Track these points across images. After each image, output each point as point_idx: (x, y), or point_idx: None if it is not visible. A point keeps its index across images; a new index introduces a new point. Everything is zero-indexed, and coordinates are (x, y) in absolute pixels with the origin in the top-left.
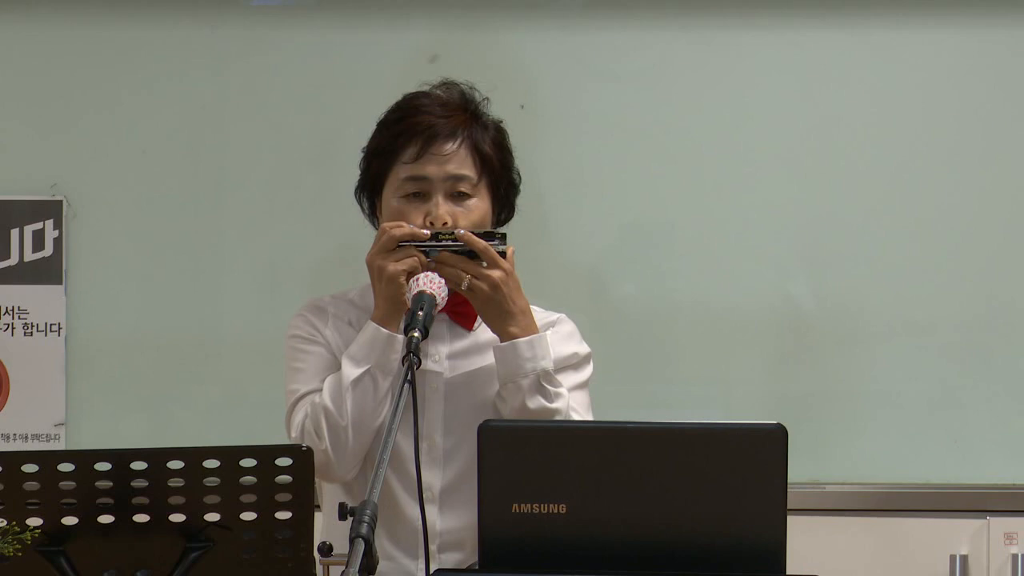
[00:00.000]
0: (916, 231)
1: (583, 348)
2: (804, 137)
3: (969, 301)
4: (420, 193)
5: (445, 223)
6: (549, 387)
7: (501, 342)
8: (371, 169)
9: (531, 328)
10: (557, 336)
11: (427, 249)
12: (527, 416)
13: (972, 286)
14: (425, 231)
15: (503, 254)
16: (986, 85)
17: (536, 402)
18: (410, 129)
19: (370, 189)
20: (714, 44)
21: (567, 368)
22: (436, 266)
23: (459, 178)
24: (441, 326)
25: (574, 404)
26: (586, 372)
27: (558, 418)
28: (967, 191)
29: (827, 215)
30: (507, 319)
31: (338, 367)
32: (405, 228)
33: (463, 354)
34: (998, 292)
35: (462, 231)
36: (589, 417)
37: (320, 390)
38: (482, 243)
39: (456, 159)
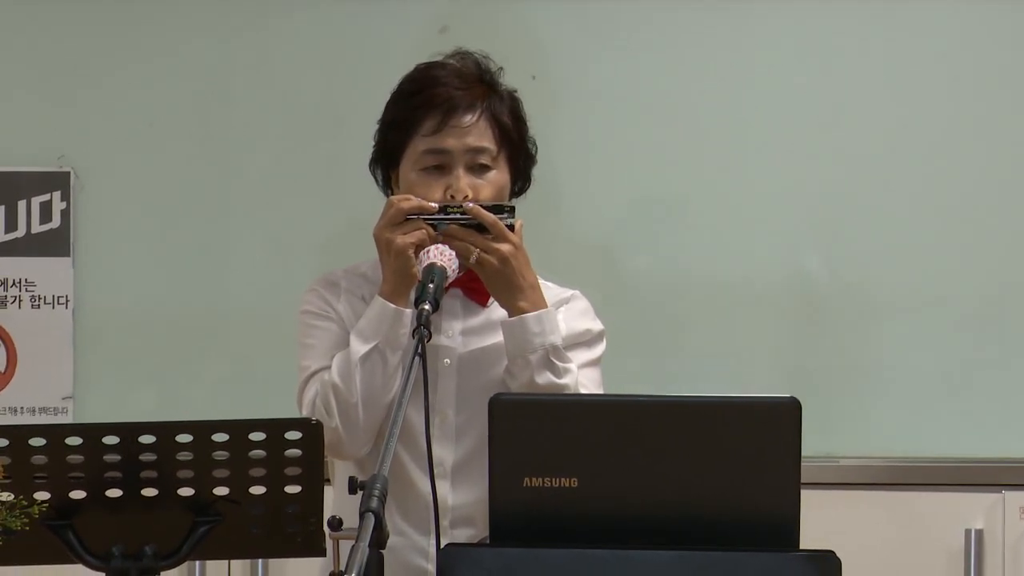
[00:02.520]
0: (930, 204)
1: (596, 325)
2: (818, 109)
3: (983, 274)
4: (440, 166)
5: (466, 196)
6: (558, 363)
7: (510, 317)
8: (387, 141)
9: (540, 303)
10: (571, 312)
11: (435, 222)
12: (536, 391)
13: (986, 259)
14: (433, 204)
15: (512, 227)
16: (1002, 56)
17: (545, 378)
18: (428, 101)
19: (386, 162)
20: (727, 15)
21: (579, 345)
22: (444, 239)
23: (479, 150)
24: (455, 302)
25: (584, 381)
26: (598, 349)
27: (567, 394)
28: (982, 164)
29: (840, 188)
30: (516, 293)
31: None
32: (413, 201)
33: (476, 331)
34: (1013, 265)
35: (471, 204)
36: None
37: (331, 367)
38: (491, 216)
39: (476, 131)
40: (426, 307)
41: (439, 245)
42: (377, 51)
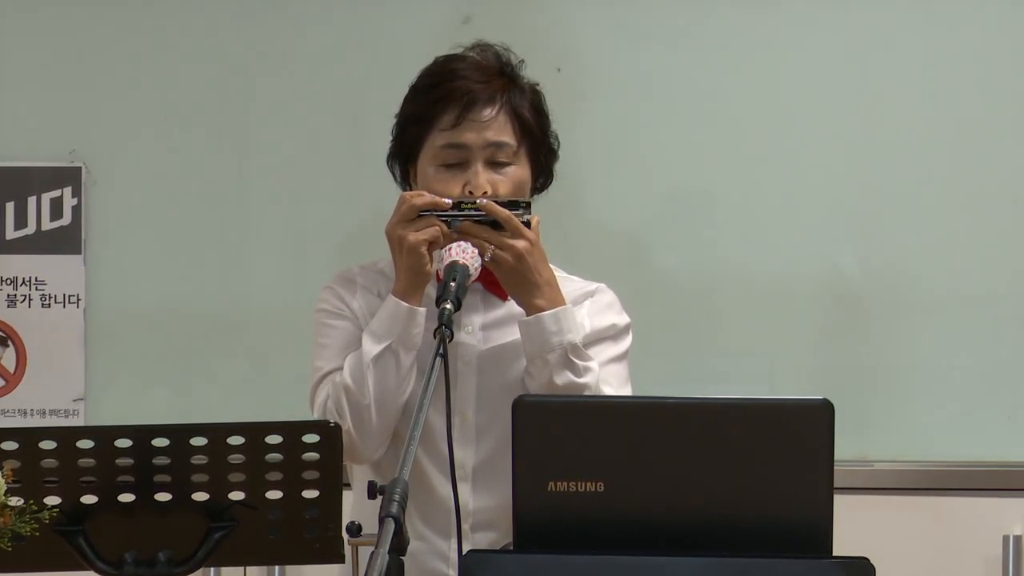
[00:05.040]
0: (967, 197)
1: (622, 319)
2: (851, 100)
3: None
4: (458, 161)
5: (485, 192)
6: (577, 361)
7: (527, 315)
8: (405, 136)
9: (558, 300)
10: (596, 306)
11: (449, 218)
12: (555, 392)
13: None
14: (447, 200)
15: (527, 224)
16: None
17: (564, 377)
18: (447, 95)
19: (404, 156)
20: (758, 6)
21: (605, 339)
22: (458, 236)
23: (499, 145)
24: (475, 296)
25: (608, 378)
26: (624, 344)
27: (587, 393)
28: (1020, 158)
29: (875, 181)
30: (532, 291)
31: None
32: (426, 197)
33: (497, 325)
34: None
35: (484, 200)
36: (626, 391)
37: (343, 368)
38: (505, 212)
39: (495, 126)
40: (448, 306)
41: (461, 242)
42: (398, 43)
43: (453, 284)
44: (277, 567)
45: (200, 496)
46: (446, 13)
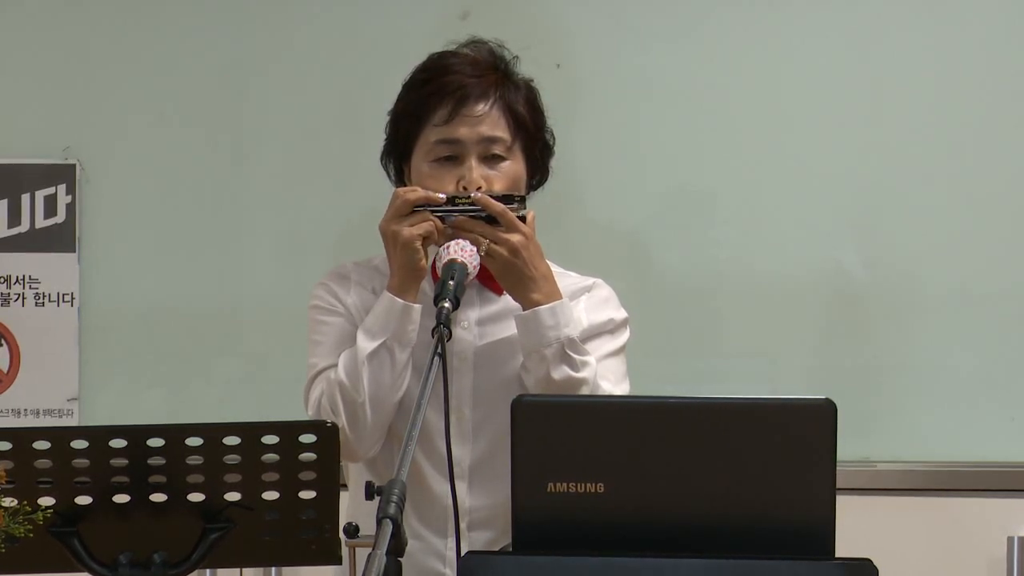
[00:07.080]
0: (970, 197)
1: (620, 313)
2: (854, 97)
3: None
4: (452, 156)
5: (480, 187)
6: (574, 355)
7: (523, 310)
8: (399, 132)
9: (554, 294)
10: (592, 301)
11: (443, 214)
12: (553, 387)
13: None
14: (441, 195)
15: (523, 218)
16: None
17: (561, 372)
18: (440, 90)
19: (398, 153)
20: (760, 1)
21: (602, 334)
22: (453, 231)
23: (492, 140)
24: (471, 291)
25: (606, 372)
26: (622, 338)
27: (585, 388)
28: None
29: (878, 179)
30: (528, 285)
31: None
32: (420, 192)
33: (493, 320)
34: None
35: (479, 194)
36: (623, 386)
37: (337, 365)
38: (500, 206)
39: (489, 120)
40: (446, 305)
41: (459, 240)
42: (395, 39)
43: (451, 283)
44: (273, 569)
45: (196, 497)
46: (444, 9)
